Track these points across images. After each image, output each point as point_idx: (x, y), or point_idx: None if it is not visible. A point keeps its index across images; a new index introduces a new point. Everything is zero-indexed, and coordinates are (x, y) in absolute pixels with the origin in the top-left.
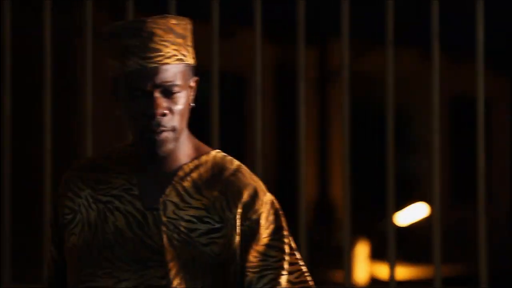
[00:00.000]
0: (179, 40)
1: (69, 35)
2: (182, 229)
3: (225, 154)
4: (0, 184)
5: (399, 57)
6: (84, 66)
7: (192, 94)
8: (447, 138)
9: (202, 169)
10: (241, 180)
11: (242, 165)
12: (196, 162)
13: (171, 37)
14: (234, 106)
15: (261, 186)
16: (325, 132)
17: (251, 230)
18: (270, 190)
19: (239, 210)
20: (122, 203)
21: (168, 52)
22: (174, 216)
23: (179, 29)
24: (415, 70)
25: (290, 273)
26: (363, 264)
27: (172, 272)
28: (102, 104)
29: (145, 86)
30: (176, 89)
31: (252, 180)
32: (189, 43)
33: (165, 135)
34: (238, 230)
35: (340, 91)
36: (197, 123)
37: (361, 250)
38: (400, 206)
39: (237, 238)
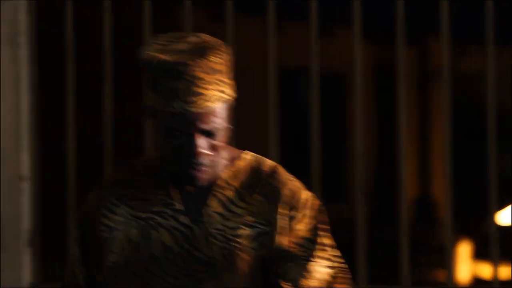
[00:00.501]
0: (220, 77)
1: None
2: (232, 237)
3: (255, 154)
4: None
5: (500, 56)
6: None
7: (229, 115)
8: None
9: (240, 175)
10: (279, 181)
11: (277, 164)
12: (232, 169)
13: (212, 78)
14: (334, 106)
15: (298, 184)
16: (426, 131)
17: (289, 225)
18: (371, 189)
19: (280, 210)
20: (165, 218)
21: (210, 94)
22: (221, 227)
23: (219, 66)
24: None
25: (328, 267)
26: (465, 263)
27: (225, 282)
28: None
29: (187, 130)
30: (218, 130)
31: (289, 180)
32: (229, 72)
33: (204, 169)
34: (278, 229)
35: (441, 90)
36: (297, 123)
37: (464, 250)
38: (502, 205)
39: (277, 237)
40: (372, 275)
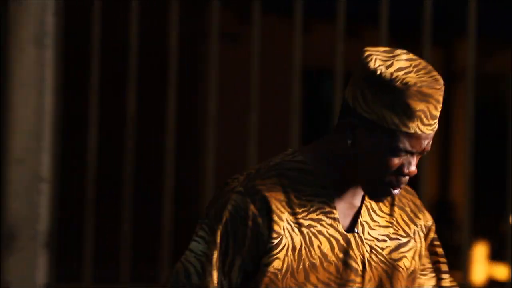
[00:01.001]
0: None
1: (194, 36)
2: (378, 249)
3: None
4: (121, 182)
5: None
6: (209, 68)
7: None
8: None
9: None
10: (408, 191)
11: None
12: None
13: (442, 100)
14: None
15: None
16: (448, 131)
17: (427, 236)
18: None
19: (422, 222)
20: (324, 226)
21: (438, 118)
22: (369, 237)
23: (443, 88)
24: None
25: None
26: (481, 265)
27: None
28: (225, 106)
29: (414, 150)
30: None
31: (410, 188)
32: None
33: (399, 190)
34: (423, 241)
35: (465, 91)
36: (321, 122)
37: (480, 251)
38: None
39: (422, 249)
40: None
